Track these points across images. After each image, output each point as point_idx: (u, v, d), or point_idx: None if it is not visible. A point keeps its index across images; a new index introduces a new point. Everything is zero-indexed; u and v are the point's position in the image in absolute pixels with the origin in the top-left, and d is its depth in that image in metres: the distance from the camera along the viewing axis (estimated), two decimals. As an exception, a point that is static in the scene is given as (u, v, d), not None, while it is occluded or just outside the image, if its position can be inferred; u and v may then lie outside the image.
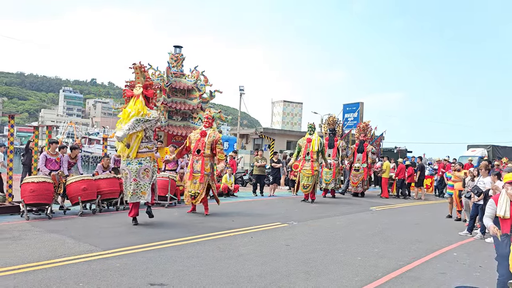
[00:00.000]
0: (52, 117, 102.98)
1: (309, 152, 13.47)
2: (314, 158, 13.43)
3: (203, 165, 9.91)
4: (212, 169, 10.14)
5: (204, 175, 9.88)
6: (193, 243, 6.91)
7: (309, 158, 13.47)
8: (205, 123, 10.37)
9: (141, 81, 8.48)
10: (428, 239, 8.32)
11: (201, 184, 9.84)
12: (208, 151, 9.98)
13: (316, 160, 13.46)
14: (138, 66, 8.49)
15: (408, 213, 12.47)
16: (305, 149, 13.60)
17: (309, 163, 13.45)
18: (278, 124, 36.33)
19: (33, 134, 10.34)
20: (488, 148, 26.07)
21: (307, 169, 13.42)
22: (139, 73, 8.49)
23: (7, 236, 6.81)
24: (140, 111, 8.18)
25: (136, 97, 8.36)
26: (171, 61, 17.73)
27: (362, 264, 6.12)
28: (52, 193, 8.69)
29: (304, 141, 13.82)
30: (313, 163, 13.39)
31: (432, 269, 6.09)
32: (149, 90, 8.48)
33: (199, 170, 9.90)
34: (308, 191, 13.41)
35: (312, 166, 13.36)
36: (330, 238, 7.91)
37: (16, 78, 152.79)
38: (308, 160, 13.50)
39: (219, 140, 10.16)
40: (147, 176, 8.27)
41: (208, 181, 9.98)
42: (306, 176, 13.41)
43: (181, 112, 17.30)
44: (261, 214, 10.61)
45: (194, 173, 9.95)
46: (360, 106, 29.80)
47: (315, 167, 13.38)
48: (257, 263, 5.84)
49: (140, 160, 8.23)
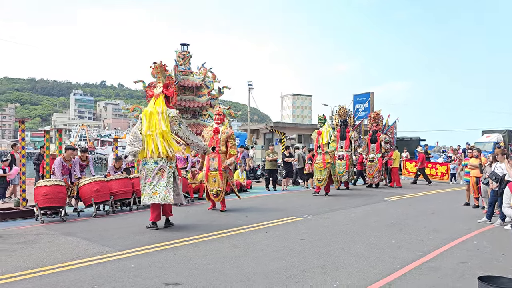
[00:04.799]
0: (64, 120, 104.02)
1: (320, 145, 13.31)
2: (325, 150, 13.25)
3: (220, 162, 9.92)
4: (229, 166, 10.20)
5: (222, 172, 9.91)
6: (207, 241, 6.85)
7: (321, 151, 13.32)
8: (217, 119, 10.28)
9: (162, 80, 8.27)
10: (446, 228, 8.14)
11: (221, 181, 9.89)
12: (223, 147, 10.00)
13: (327, 152, 13.29)
14: (159, 65, 8.26)
15: (424, 202, 12.26)
16: (317, 142, 13.47)
17: (320, 156, 13.31)
18: (288, 118, 36.19)
19: (44, 138, 10.36)
20: (504, 133, 25.56)
21: (319, 163, 13.30)
22: (160, 72, 8.27)
23: (22, 240, 6.82)
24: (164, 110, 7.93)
25: (156, 97, 8.11)
26: (178, 59, 17.70)
27: (379, 256, 6.00)
28: (65, 195, 8.71)
29: (315, 134, 13.72)
30: (325, 155, 13.21)
31: (452, 258, 5.94)
32: (169, 89, 8.22)
33: (216, 168, 9.93)
34: (322, 185, 13.27)
35: (324, 159, 13.19)
36: (346, 231, 7.78)
37: (27, 84, 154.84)
38: (320, 153, 13.36)
39: (232, 135, 10.15)
40: (162, 176, 7.80)
41: (227, 177, 10.03)
42: (319, 169, 13.30)
43: (190, 110, 17.27)
44: (275, 208, 10.52)
45: (212, 171, 9.95)
46: (370, 96, 29.51)
47: (327, 159, 13.18)
48: (272, 259, 5.75)
49: (157, 160, 7.84)
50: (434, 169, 19.41)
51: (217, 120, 10.25)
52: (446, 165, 19.45)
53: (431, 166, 19.35)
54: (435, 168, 19.44)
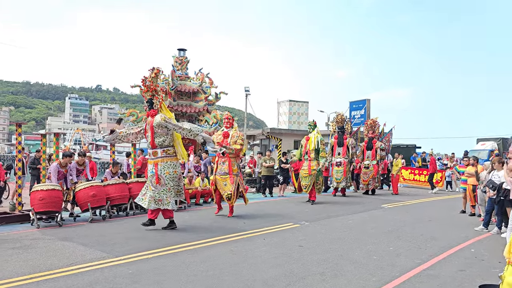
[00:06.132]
0: (58, 124, 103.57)
1: (307, 151, 12.98)
2: (312, 157, 12.82)
3: (231, 165, 9.97)
4: (239, 169, 10.26)
5: (233, 176, 9.93)
6: (205, 247, 6.82)
7: (307, 157, 12.98)
8: (226, 123, 10.39)
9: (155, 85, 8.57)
10: (443, 236, 8.16)
11: (232, 185, 9.89)
12: None
13: (314, 159, 12.86)
14: (157, 71, 8.55)
15: (421, 209, 12.28)
16: (304, 148, 13.12)
17: (307, 163, 12.96)
18: (284, 124, 36.21)
19: (41, 142, 10.30)
20: (498, 141, 25.75)
21: (305, 169, 12.91)
22: (155, 77, 8.53)
23: (18, 245, 6.75)
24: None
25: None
26: (176, 64, 17.69)
27: (378, 263, 5.99)
28: (61, 200, 8.66)
29: (304, 140, 13.35)
30: (311, 162, 12.81)
31: (450, 266, 5.95)
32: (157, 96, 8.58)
33: (227, 172, 9.96)
34: (308, 191, 12.90)
35: (310, 165, 12.79)
36: (344, 238, 7.77)
37: (22, 87, 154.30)
38: (306, 159, 13.04)
39: (241, 136, 10.26)
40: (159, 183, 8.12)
41: (237, 181, 10.04)
42: (304, 176, 12.92)
43: (187, 115, 17.24)
44: (272, 215, 10.49)
45: (222, 175, 9.98)
46: (367, 103, 29.62)
47: (313, 166, 12.74)
48: (271, 266, 5.73)
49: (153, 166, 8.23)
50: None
51: (226, 124, 10.35)
52: (441, 172, 19.51)
53: (426, 173, 19.39)
54: (431, 175, 19.46)
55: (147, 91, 8.46)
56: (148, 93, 8.47)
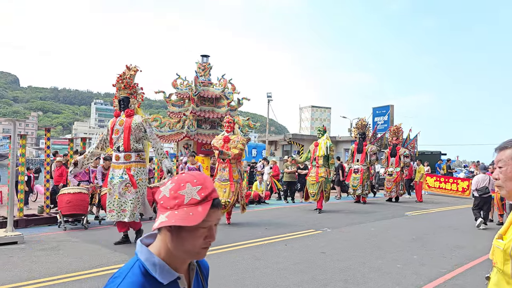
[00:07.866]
0: (84, 129, 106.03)
1: (316, 158, 12.51)
2: (320, 163, 12.30)
3: (231, 172, 9.43)
4: (240, 176, 9.78)
5: (233, 183, 9.42)
6: (229, 251, 6.87)
7: (315, 163, 12.52)
8: (226, 127, 9.80)
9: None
10: (469, 245, 7.98)
11: (232, 193, 9.34)
12: None
13: (322, 165, 12.31)
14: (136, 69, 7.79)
15: (446, 218, 12.04)
16: (313, 154, 12.64)
17: (314, 169, 12.44)
18: (306, 130, 36.15)
19: (68, 146, 10.60)
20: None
21: (312, 176, 12.40)
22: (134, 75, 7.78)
23: (46, 246, 6.95)
24: None
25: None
26: (199, 70, 17.93)
27: (402, 272, 5.91)
28: (87, 203, 8.87)
29: (313, 146, 12.80)
30: (319, 169, 12.29)
31: (476, 276, 5.81)
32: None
33: (227, 179, 9.42)
34: (316, 199, 12.41)
35: (317, 172, 12.27)
36: (366, 245, 7.69)
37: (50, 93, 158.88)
38: (314, 166, 12.53)
39: (242, 140, 9.66)
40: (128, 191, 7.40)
41: (238, 189, 9.54)
42: (311, 183, 12.37)
43: (209, 121, 17.41)
44: (294, 221, 10.47)
45: (222, 181, 9.43)
46: (390, 109, 29.28)
47: (321, 173, 12.21)
48: (294, 272, 5.72)
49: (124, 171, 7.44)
50: (455, 184, 19.06)
51: (227, 128, 9.78)
52: (467, 180, 19.08)
53: (452, 181, 19.01)
54: (456, 184, 19.09)
55: (125, 88, 7.63)
56: (126, 90, 7.63)
